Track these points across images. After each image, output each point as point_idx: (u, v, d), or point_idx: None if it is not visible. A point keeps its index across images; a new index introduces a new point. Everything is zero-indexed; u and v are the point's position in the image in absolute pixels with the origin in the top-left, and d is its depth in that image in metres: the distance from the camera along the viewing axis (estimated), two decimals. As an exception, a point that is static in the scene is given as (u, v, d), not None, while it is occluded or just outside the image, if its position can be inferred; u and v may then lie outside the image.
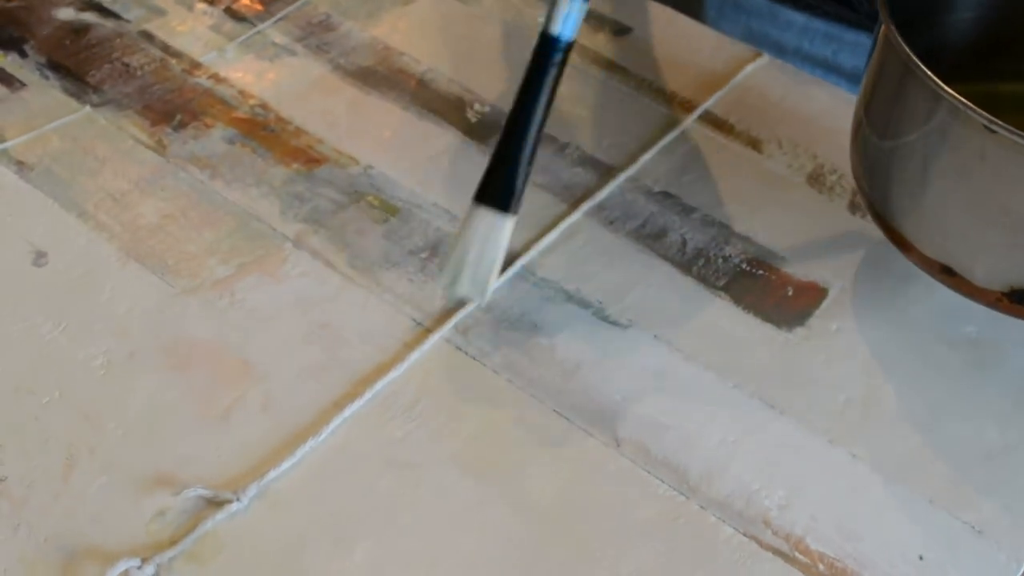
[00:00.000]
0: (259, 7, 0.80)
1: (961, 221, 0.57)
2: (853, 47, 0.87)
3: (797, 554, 0.54)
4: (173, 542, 0.52)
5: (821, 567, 0.53)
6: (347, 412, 0.56)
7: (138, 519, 0.53)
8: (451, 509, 0.54)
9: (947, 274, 0.58)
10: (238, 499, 0.53)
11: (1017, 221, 0.55)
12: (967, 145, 0.54)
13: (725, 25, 0.90)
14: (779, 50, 0.89)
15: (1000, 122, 0.52)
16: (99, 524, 0.52)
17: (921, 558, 0.54)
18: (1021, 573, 0.55)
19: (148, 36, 0.77)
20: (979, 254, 0.58)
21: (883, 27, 0.57)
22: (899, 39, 0.55)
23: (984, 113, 0.52)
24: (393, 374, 0.58)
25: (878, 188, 0.61)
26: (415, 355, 0.59)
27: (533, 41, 0.73)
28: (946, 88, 0.53)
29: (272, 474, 0.54)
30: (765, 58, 0.79)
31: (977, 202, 0.56)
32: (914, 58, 0.54)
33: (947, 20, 0.66)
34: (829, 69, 0.84)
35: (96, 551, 0.51)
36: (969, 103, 0.53)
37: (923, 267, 0.60)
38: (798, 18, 0.88)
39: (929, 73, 0.54)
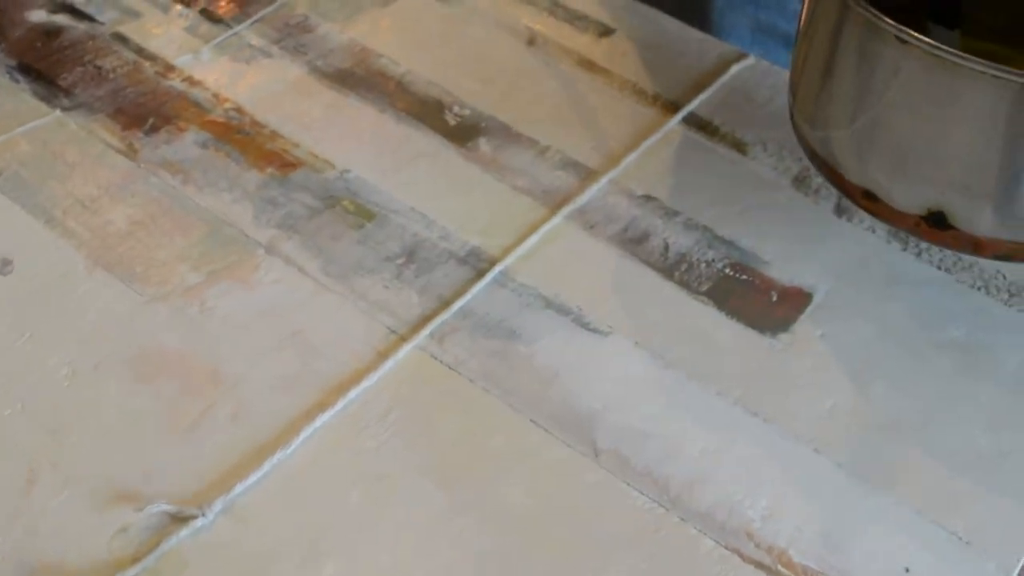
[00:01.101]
0: (236, 9, 0.79)
1: (878, 141, 0.56)
2: None
3: (780, 567, 0.52)
4: (135, 560, 0.51)
5: (805, 580, 0.52)
6: (318, 423, 0.55)
7: (100, 536, 0.51)
8: (425, 522, 0.53)
9: (869, 199, 0.57)
10: (203, 514, 0.51)
11: (931, 138, 0.54)
12: (880, 59, 0.53)
13: (733, 16, 0.89)
14: (788, 42, 0.87)
15: (912, 32, 0.50)
16: (60, 541, 0.51)
17: (907, 570, 0.53)
18: (1010, 584, 0.53)
19: (122, 38, 0.76)
20: (896, 175, 0.56)
21: None
22: None
23: (895, 24, 0.51)
24: (366, 383, 0.57)
25: (806, 117, 0.60)
26: (389, 364, 0.58)
27: (514, 43, 0.73)
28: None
29: (239, 488, 0.53)
30: (751, 59, 0.78)
31: (892, 120, 0.55)
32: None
33: None
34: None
35: (57, 569, 0.50)
36: (878, 13, 0.51)
37: (847, 194, 0.59)
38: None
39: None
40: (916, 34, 0.51)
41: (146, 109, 0.71)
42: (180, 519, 0.52)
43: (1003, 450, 0.58)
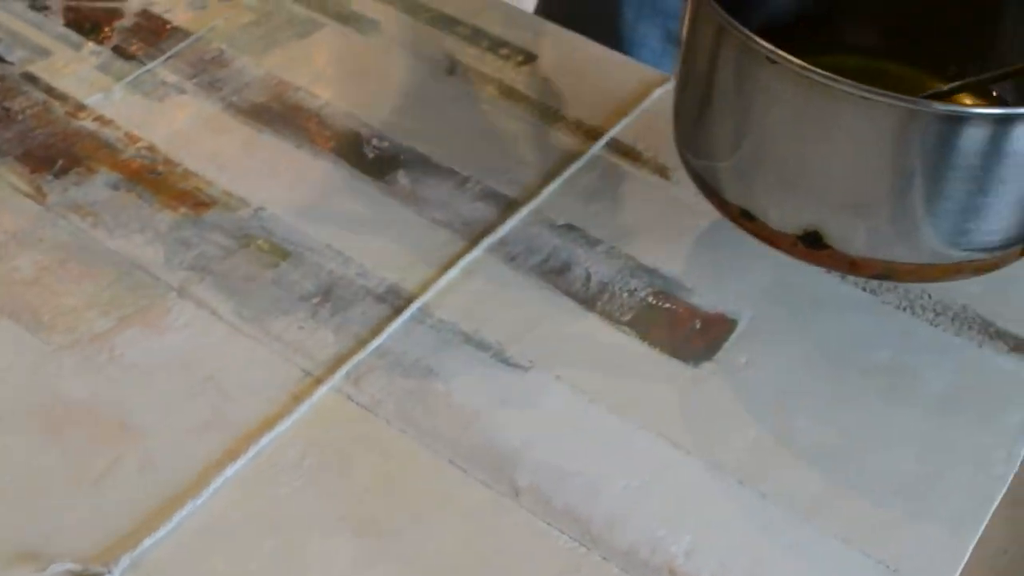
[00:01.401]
0: (149, 45, 0.77)
1: (753, 161, 0.56)
2: None
3: (704, 604, 0.51)
4: (38, 622, 0.49)
5: (729, 616, 0.51)
6: (230, 471, 0.54)
7: (1, 598, 0.50)
8: (341, 570, 0.52)
9: (747, 219, 0.58)
10: (109, 572, 0.50)
11: (806, 158, 0.54)
12: (752, 79, 0.53)
13: (643, 27, 0.89)
14: None
15: (781, 52, 0.51)
16: (-41, 604, 0.49)
17: (833, 602, 0.52)
18: (939, 613, 0.52)
19: (31, 78, 0.74)
20: (772, 194, 0.57)
21: None
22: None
23: (765, 44, 0.51)
24: (280, 428, 0.56)
25: (686, 138, 0.61)
26: (303, 407, 0.57)
27: (434, 72, 0.72)
28: (732, 21, 0.52)
29: (147, 542, 0.51)
30: (673, 81, 0.77)
31: (765, 140, 0.55)
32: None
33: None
34: None
35: (-44, 634, 0.48)
36: (751, 34, 0.51)
37: (726, 214, 0.59)
38: None
39: (717, 7, 0.53)
40: (786, 55, 0.51)
41: (55, 151, 0.70)
42: (84, 578, 0.50)
43: (929, 475, 0.57)
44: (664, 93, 0.77)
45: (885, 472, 0.57)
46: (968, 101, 0.65)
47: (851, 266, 0.57)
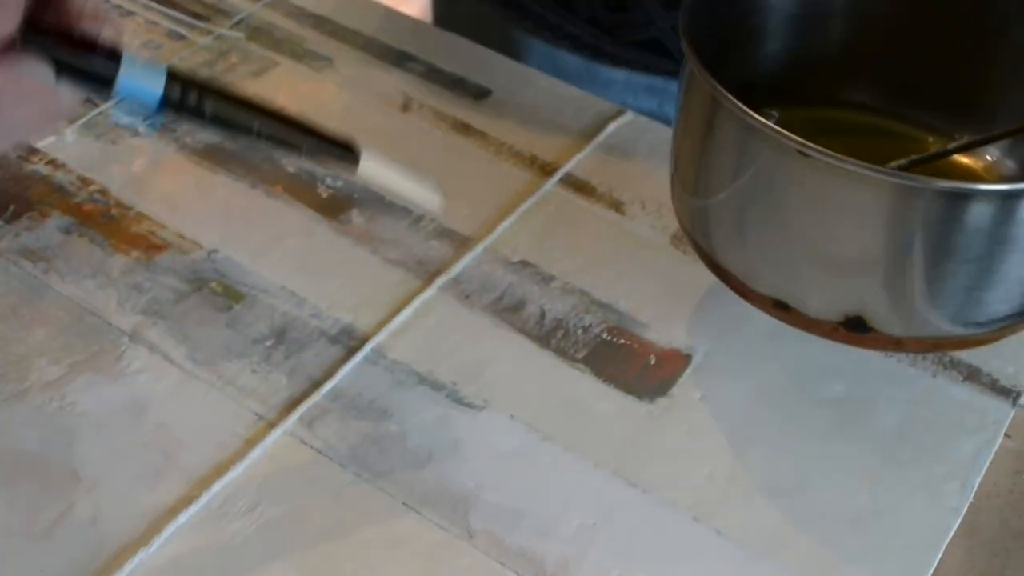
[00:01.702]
0: (102, 87, 0.77)
1: (787, 253, 0.56)
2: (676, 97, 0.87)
3: (658, 643, 0.51)
4: (-13, 677, 0.49)
5: (683, 656, 0.51)
6: (182, 519, 0.54)
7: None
8: (293, 618, 0.51)
9: (781, 309, 0.57)
10: (59, 624, 0.50)
11: (844, 246, 0.54)
12: (782, 173, 0.53)
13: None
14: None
15: (813, 145, 0.50)
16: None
17: (789, 639, 0.52)
18: (893, 647, 0.53)
19: (-18, 123, 0.74)
20: (810, 285, 0.56)
21: (688, 65, 0.55)
22: (704, 72, 0.54)
23: (796, 138, 0.51)
24: (232, 474, 0.56)
25: (701, 230, 0.60)
26: (256, 452, 0.57)
27: (388, 110, 0.72)
28: (756, 115, 0.52)
29: (97, 594, 0.51)
30: (629, 115, 0.78)
31: (800, 231, 0.55)
32: (720, 88, 0.53)
33: (755, 54, 0.66)
34: (657, 122, 0.84)
35: None
36: (780, 129, 0.51)
37: (756, 305, 0.59)
38: (618, 75, 0.86)
39: (737, 102, 0.52)
40: (817, 147, 0.50)
41: (6, 195, 0.70)
42: (34, 631, 0.50)
43: (882, 508, 0.58)
44: (618, 127, 0.77)
45: (839, 506, 0.58)
46: (965, 161, 0.66)
47: (897, 345, 0.56)
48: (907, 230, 0.52)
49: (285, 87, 0.79)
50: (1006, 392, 0.63)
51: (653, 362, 0.63)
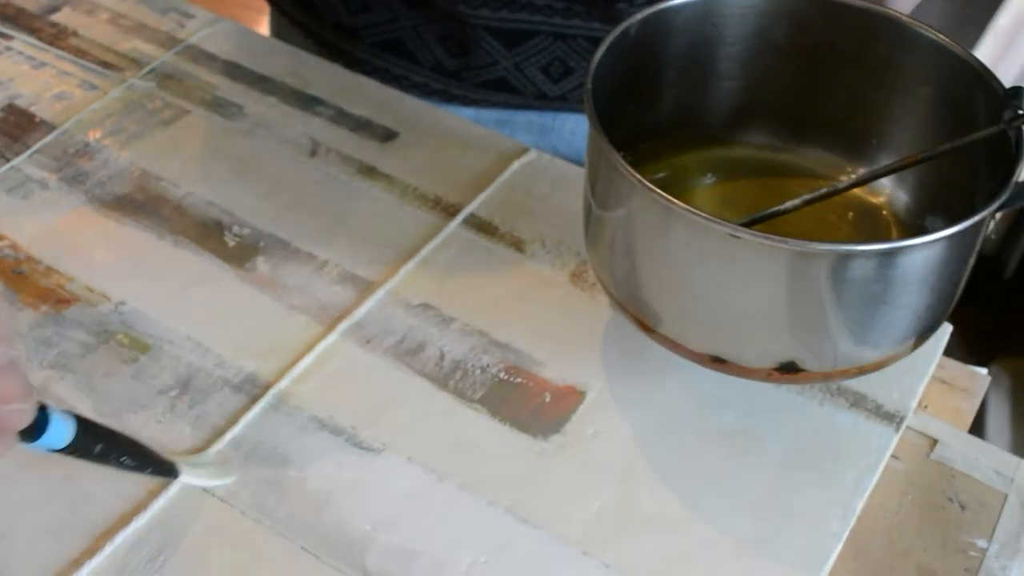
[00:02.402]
0: (12, 140, 0.79)
1: (722, 316, 0.59)
2: (526, 127, 0.91)
3: (546, 676, 0.54)
4: None
5: None
6: (84, 571, 0.56)
7: None
8: (193, 664, 0.53)
9: (718, 362, 0.60)
10: None
11: (776, 308, 0.57)
12: (714, 252, 0.56)
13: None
14: None
15: (743, 228, 0.54)
16: None
17: (671, 667, 0.54)
18: (772, 671, 0.55)
19: None
20: (745, 342, 0.60)
21: (594, 140, 0.58)
22: (615, 154, 0.57)
23: (726, 222, 0.54)
24: (135, 524, 0.58)
25: (631, 300, 0.62)
26: (159, 502, 0.59)
27: (296, 155, 0.74)
28: (680, 204, 0.55)
29: (0, 649, 0.53)
30: (533, 153, 0.80)
31: (734, 299, 0.58)
32: (635, 174, 0.56)
33: (655, 97, 0.70)
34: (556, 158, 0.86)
35: None
36: (709, 216, 0.54)
37: (693, 360, 0.62)
38: (468, 113, 0.90)
39: (655, 188, 0.55)
40: (748, 230, 0.54)
41: (-84, 252, 0.71)
42: None
43: (766, 536, 0.60)
44: (522, 165, 0.79)
45: (725, 535, 0.60)
46: (862, 194, 0.70)
47: (825, 377, 0.61)
48: (809, 287, 0.56)
49: (195, 136, 0.80)
50: (890, 417, 0.66)
51: (548, 399, 0.65)
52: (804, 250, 0.54)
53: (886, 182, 0.69)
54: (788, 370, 0.59)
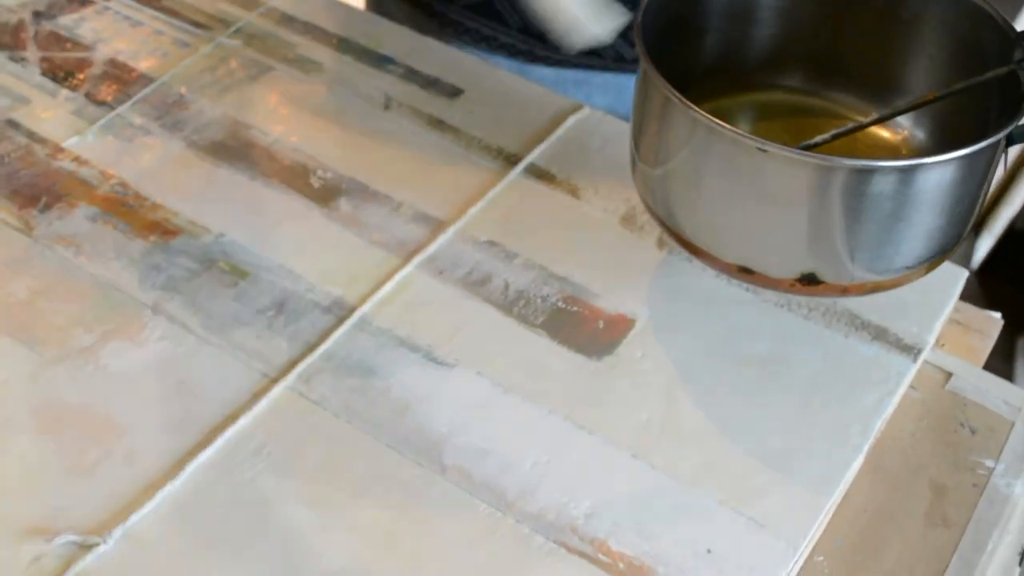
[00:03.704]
0: (118, 91, 0.87)
1: (752, 229, 0.66)
2: (602, 88, 0.98)
3: (600, 555, 0.62)
4: (49, 583, 0.59)
5: (621, 566, 0.61)
6: (201, 458, 0.64)
7: (17, 565, 0.60)
8: (296, 537, 0.62)
9: (746, 273, 0.67)
10: (104, 541, 0.60)
11: (800, 221, 0.64)
12: (746, 167, 0.63)
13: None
14: None
15: (770, 143, 0.61)
16: (-18, 572, 0.59)
17: (709, 551, 0.62)
18: (798, 556, 0.63)
19: (14, 124, 0.84)
20: (771, 253, 0.66)
21: (644, 68, 0.65)
22: (659, 77, 0.64)
23: (756, 138, 0.61)
24: (242, 422, 0.66)
25: (667, 210, 0.69)
26: (262, 404, 0.67)
27: (371, 108, 0.82)
28: (722, 123, 0.62)
29: (134, 517, 0.61)
30: (586, 110, 0.87)
31: (763, 212, 0.65)
32: (676, 93, 0.63)
33: (700, 48, 0.76)
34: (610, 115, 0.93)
35: (-20, 597, 0.58)
36: (743, 133, 0.62)
37: (723, 271, 0.69)
38: (548, 72, 0.97)
39: (704, 113, 0.62)
40: (774, 144, 0.61)
41: (39, 189, 0.80)
42: (85, 546, 0.61)
43: (794, 447, 0.67)
44: (576, 121, 0.86)
45: (757, 446, 0.67)
46: (883, 133, 0.77)
47: (843, 291, 0.67)
48: (830, 200, 0.62)
49: (279, 90, 0.88)
50: (908, 349, 0.73)
51: (602, 326, 0.73)
52: (827, 164, 0.61)
53: (904, 121, 0.76)
54: (809, 281, 0.66)
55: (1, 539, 0.60)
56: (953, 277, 0.76)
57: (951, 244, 0.67)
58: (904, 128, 0.76)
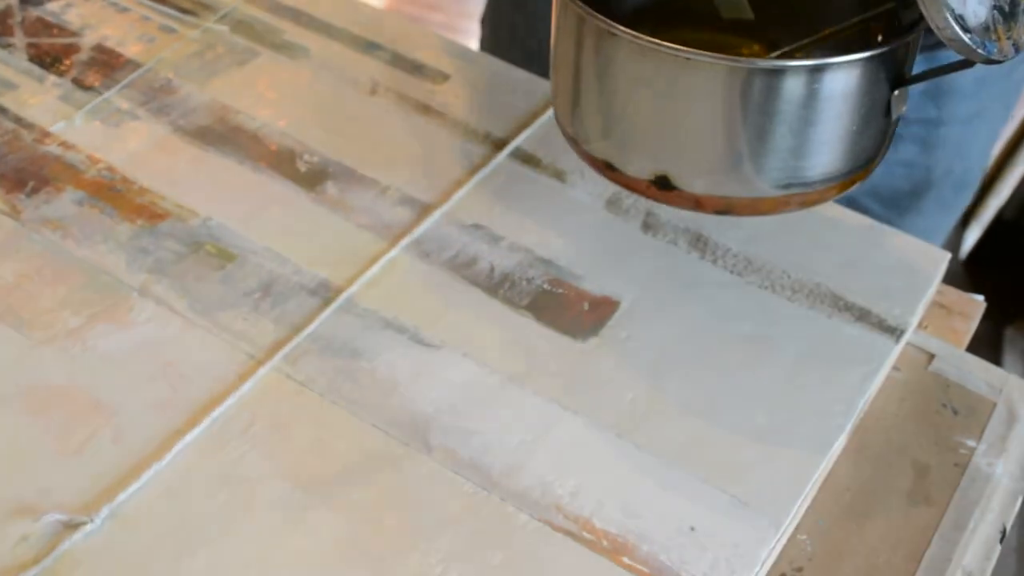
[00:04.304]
0: (104, 76, 0.87)
1: (609, 120, 0.67)
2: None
3: (584, 533, 0.62)
4: (36, 561, 0.60)
5: (605, 543, 0.62)
6: (188, 438, 0.64)
7: (4, 544, 0.60)
8: (282, 516, 0.62)
9: (610, 169, 0.68)
10: (92, 520, 0.61)
11: (647, 116, 0.65)
12: (601, 52, 0.64)
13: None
14: None
15: (618, 26, 0.61)
16: (-31, 551, 0.60)
17: (693, 528, 0.63)
18: (780, 533, 0.63)
19: (1, 109, 0.85)
20: (626, 152, 0.67)
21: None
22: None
23: (606, 20, 0.62)
24: (228, 402, 0.66)
25: (560, 104, 0.71)
26: (248, 385, 0.67)
27: (358, 93, 0.82)
28: (581, 4, 0.63)
29: (122, 496, 0.62)
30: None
31: (615, 103, 0.65)
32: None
33: None
34: None
35: (-33, 575, 0.59)
36: (596, 14, 0.62)
37: (594, 167, 0.70)
38: None
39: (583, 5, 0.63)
40: (620, 27, 0.62)
41: (26, 173, 0.80)
42: (72, 526, 0.61)
43: (778, 426, 0.68)
44: (562, 106, 0.87)
45: (741, 425, 0.68)
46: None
47: (696, 203, 0.67)
48: (696, 102, 0.63)
49: (266, 75, 0.89)
50: (891, 330, 0.73)
51: (587, 308, 0.74)
52: (682, 55, 0.61)
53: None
54: (662, 185, 0.66)
55: (-12, 518, 0.61)
56: (936, 259, 0.76)
57: (858, 164, 0.67)
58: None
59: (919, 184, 1.00)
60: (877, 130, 0.67)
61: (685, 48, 0.61)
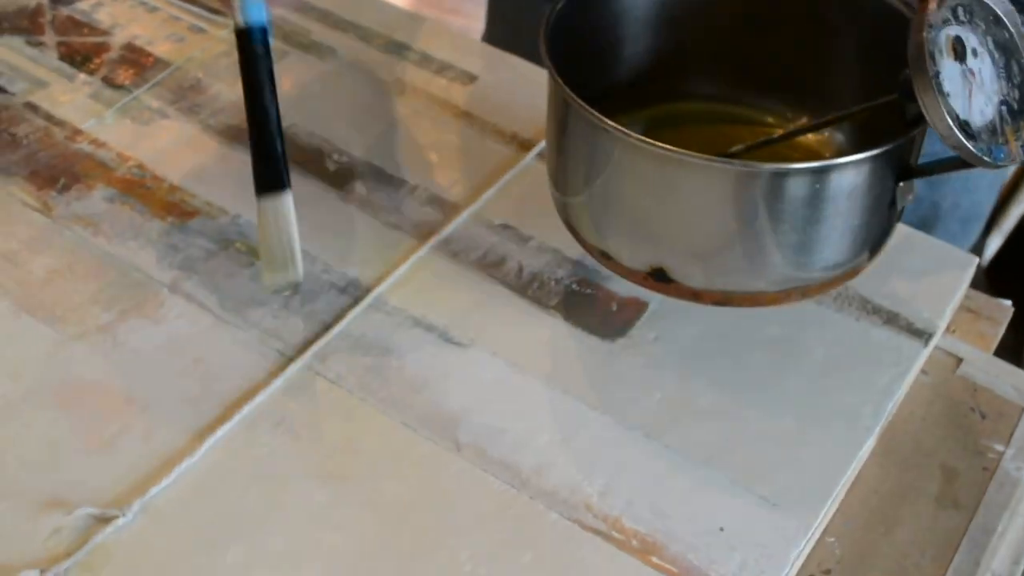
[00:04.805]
0: (135, 75, 0.88)
1: (605, 213, 0.67)
2: None
3: (614, 532, 0.62)
4: (68, 554, 0.60)
5: (634, 543, 0.62)
6: (219, 434, 0.65)
7: (36, 537, 0.61)
8: (312, 512, 0.62)
9: (606, 258, 0.69)
10: (123, 514, 0.61)
11: (644, 215, 0.65)
12: (596, 146, 0.64)
13: None
14: None
15: (625, 130, 0.61)
16: (2, 543, 0.60)
17: (721, 529, 0.63)
18: (810, 535, 0.63)
19: (32, 107, 0.85)
20: (622, 243, 0.68)
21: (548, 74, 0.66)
22: (558, 79, 0.64)
23: (613, 124, 0.62)
24: (259, 399, 0.66)
25: (556, 190, 0.71)
26: (279, 382, 0.68)
27: (384, 91, 0.82)
28: (581, 103, 0.63)
29: (153, 491, 0.62)
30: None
31: (612, 200, 0.66)
32: (569, 91, 0.64)
33: (614, 59, 0.77)
34: None
35: (2, 569, 0.59)
36: (599, 115, 0.62)
37: (591, 254, 0.70)
38: None
39: (577, 99, 0.63)
40: (629, 131, 0.61)
41: (58, 170, 0.80)
42: (104, 519, 0.61)
43: (806, 428, 0.68)
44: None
45: (769, 426, 0.67)
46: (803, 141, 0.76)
47: (695, 296, 0.67)
48: (694, 200, 0.63)
49: (295, 75, 0.89)
50: (919, 333, 0.73)
51: (615, 308, 0.73)
52: (677, 156, 0.61)
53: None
54: (659, 278, 0.67)
55: (20, 512, 0.61)
56: (964, 263, 0.76)
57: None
58: (824, 132, 0.77)
59: (926, 219, 0.99)
60: (882, 220, 0.67)
61: (680, 150, 0.61)
